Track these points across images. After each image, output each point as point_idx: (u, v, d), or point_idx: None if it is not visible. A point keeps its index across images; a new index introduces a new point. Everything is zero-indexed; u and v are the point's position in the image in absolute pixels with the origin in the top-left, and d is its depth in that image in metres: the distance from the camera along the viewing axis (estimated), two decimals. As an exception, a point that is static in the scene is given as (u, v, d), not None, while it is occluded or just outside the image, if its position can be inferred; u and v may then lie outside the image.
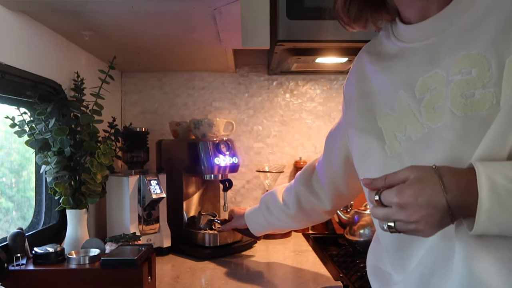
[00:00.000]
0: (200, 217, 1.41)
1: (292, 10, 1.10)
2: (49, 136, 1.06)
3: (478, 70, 0.56)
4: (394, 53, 0.70)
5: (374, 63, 0.73)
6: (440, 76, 0.61)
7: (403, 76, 0.66)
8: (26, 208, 1.20)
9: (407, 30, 0.68)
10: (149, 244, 1.02)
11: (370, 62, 0.74)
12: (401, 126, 0.65)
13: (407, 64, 0.66)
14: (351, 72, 0.82)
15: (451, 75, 0.59)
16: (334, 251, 1.43)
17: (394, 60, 0.69)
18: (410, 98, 0.64)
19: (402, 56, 0.68)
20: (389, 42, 0.72)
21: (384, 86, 0.70)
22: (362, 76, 0.76)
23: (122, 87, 1.75)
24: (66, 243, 1.09)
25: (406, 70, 0.66)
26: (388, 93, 0.68)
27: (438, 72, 0.61)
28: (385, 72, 0.70)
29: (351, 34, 1.13)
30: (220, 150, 1.38)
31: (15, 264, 0.90)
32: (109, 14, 1.02)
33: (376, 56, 0.74)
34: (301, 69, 1.65)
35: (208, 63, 1.61)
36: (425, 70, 0.63)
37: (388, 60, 0.70)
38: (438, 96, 0.60)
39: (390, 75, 0.69)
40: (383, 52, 0.73)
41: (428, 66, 0.63)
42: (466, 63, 0.57)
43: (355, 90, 0.77)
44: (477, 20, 0.59)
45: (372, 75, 0.73)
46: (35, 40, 1.07)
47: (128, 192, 1.28)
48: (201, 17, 1.04)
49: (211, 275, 1.17)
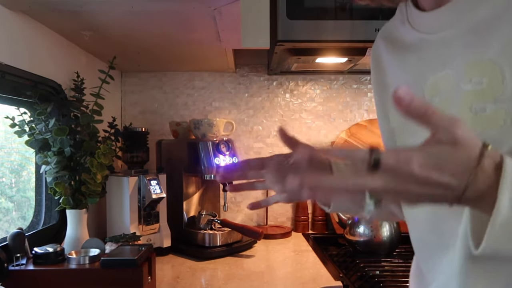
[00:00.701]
0: (200, 217, 1.41)
1: (292, 10, 1.09)
2: (49, 136, 1.06)
3: (489, 80, 0.48)
4: (409, 43, 0.61)
5: (390, 53, 0.66)
6: (450, 79, 0.53)
7: (414, 73, 0.59)
8: (26, 208, 1.20)
9: (421, 17, 0.59)
10: (149, 244, 1.02)
11: (386, 51, 0.67)
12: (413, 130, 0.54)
13: (419, 59, 0.59)
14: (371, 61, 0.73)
15: (462, 83, 0.51)
16: (334, 251, 1.43)
17: (408, 53, 0.61)
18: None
19: (415, 48, 0.60)
20: (404, 29, 0.63)
21: (398, 81, 0.63)
22: (378, 66, 0.69)
23: (122, 87, 1.75)
24: (66, 243, 1.09)
25: (418, 66, 0.59)
26: None
27: (448, 74, 0.54)
28: (399, 65, 0.63)
29: (351, 34, 1.13)
30: (220, 150, 1.38)
31: (15, 264, 0.90)
32: (109, 14, 1.02)
33: (392, 44, 0.66)
34: (301, 69, 1.65)
35: (208, 63, 1.61)
36: (436, 68, 0.55)
37: (403, 51, 0.63)
38: (447, 103, 0.53)
39: (404, 70, 0.62)
40: (399, 39, 0.64)
41: (439, 65, 0.55)
42: (477, 70, 0.50)
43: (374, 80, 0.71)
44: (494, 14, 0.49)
45: (388, 67, 0.66)
46: (35, 40, 1.07)
47: (128, 192, 1.27)
48: (201, 17, 1.04)
49: (211, 275, 1.17)
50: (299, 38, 1.11)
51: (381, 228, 1.34)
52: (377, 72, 0.68)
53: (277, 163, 0.70)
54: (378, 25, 1.10)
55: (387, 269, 1.22)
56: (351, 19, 1.11)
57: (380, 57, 0.68)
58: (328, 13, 1.10)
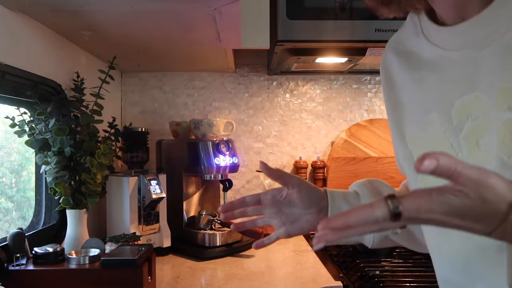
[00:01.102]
0: (200, 217, 1.41)
1: (292, 10, 1.09)
2: (49, 136, 1.06)
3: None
4: (427, 59, 0.55)
5: (404, 68, 0.59)
6: (483, 102, 0.47)
7: (436, 94, 0.53)
8: (26, 208, 1.20)
9: (441, 33, 0.53)
10: (149, 244, 1.02)
11: (398, 66, 0.60)
12: None
13: (441, 79, 0.53)
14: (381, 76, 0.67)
15: (498, 110, 0.46)
16: (334, 251, 1.43)
17: (426, 70, 0.55)
18: (445, 124, 0.51)
19: (436, 66, 0.54)
20: (419, 42, 0.57)
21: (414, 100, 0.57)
22: (389, 81, 0.63)
23: (122, 87, 1.75)
24: (66, 243, 1.09)
25: (441, 87, 0.53)
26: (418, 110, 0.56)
27: (479, 97, 0.48)
28: (416, 83, 0.57)
29: (351, 34, 1.13)
30: (220, 150, 1.38)
31: (15, 264, 0.90)
32: (109, 14, 1.02)
33: (405, 57, 0.60)
34: (301, 69, 1.65)
35: (208, 63, 1.61)
36: (463, 90, 0.50)
37: (419, 67, 0.57)
38: (482, 128, 0.47)
39: (422, 90, 0.56)
40: (414, 53, 0.58)
41: (466, 86, 0.49)
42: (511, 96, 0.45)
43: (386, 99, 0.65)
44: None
45: (401, 84, 0.60)
46: (35, 40, 1.07)
47: (128, 192, 1.28)
48: (201, 17, 1.04)
49: (211, 275, 1.17)
50: (299, 38, 1.11)
51: (381, 228, 1.34)
52: (389, 89, 0.63)
53: (272, 197, 0.68)
54: (378, 25, 1.10)
55: (387, 269, 1.22)
56: (351, 19, 1.11)
57: (392, 73, 0.62)
58: (328, 13, 1.10)
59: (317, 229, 0.39)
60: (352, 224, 0.38)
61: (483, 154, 0.47)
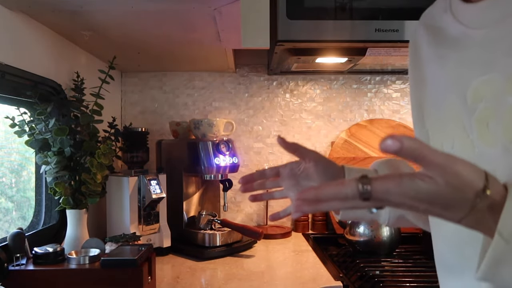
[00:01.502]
0: (200, 217, 1.41)
1: (292, 10, 1.09)
2: (49, 136, 1.06)
3: None
4: (452, 37, 0.56)
5: (431, 43, 0.59)
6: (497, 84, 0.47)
7: (456, 74, 0.54)
8: (26, 208, 1.20)
9: (465, 10, 0.53)
10: (149, 244, 1.02)
11: (427, 42, 0.60)
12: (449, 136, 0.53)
13: (462, 58, 0.53)
14: (409, 49, 0.67)
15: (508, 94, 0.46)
16: (334, 251, 1.43)
17: (449, 48, 0.56)
18: (460, 105, 0.51)
19: (457, 44, 0.54)
20: (446, 18, 0.57)
21: (435, 77, 0.58)
22: (416, 58, 0.63)
23: (122, 87, 1.75)
24: (66, 243, 1.09)
25: (459, 66, 0.53)
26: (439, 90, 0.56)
27: (495, 78, 0.48)
28: (438, 62, 0.57)
29: (351, 34, 1.13)
30: (220, 150, 1.38)
31: (15, 264, 0.90)
32: (109, 14, 1.02)
33: (433, 34, 0.60)
34: (301, 69, 1.65)
35: (208, 63, 1.61)
36: (479, 71, 0.50)
37: (444, 45, 0.57)
38: (493, 110, 0.47)
39: (443, 68, 0.56)
40: (442, 29, 0.58)
41: (483, 66, 0.49)
42: None
43: (410, 72, 0.66)
44: None
45: (426, 61, 0.60)
46: (35, 40, 1.07)
47: (128, 192, 1.28)
48: (201, 17, 1.04)
49: (211, 275, 1.17)
50: (299, 38, 1.11)
51: (381, 228, 1.34)
52: (415, 64, 0.63)
53: (290, 170, 0.69)
54: (378, 25, 1.10)
55: (387, 269, 1.22)
56: (351, 19, 1.11)
57: (420, 47, 0.62)
58: (328, 13, 1.10)
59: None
60: (322, 198, 0.38)
61: (492, 137, 0.47)
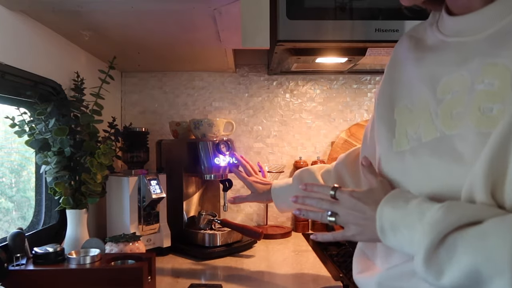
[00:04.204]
0: (200, 217, 1.41)
1: (292, 10, 1.09)
2: (49, 136, 1.06)
3: (500, 84, 0.52)
4: (431, 44, 0.66)
5: (411, 50, 0.69)
6: (464, 80, 0.57)
7: (430, 71, 0.63)
8: (26, 208, 1.20)
9: (448, 21, 0.64)
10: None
11: (408, 48, 0.71)
12: (415, 123, 0.63)
13: (437, 59, 0.63)
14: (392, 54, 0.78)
15: (476, 83, 0.55)
16: (334, 251, 1.43)
17: (428, 52, 0.66)
18: (430, 96, 0.61)
19: (435, 49, 0.65)
20: (430, 31, 0.68)
21: (411, 77, 0.67)
22: (396, 60, 0.73)
23: (122, 87, 1.75)
24: (66, 243, 1.09)
25: (435, 66, 0.63)
26: (413, 86, 0.66)
27: (463, 75, 0.57)
28: (416, 63, 0.67)
29: (351, 34, 1.13)
30: (220, 150, 1.38)
31: (15, 264, 0.90)
32: (109, 14, 1.02)
33: (415, 42, 0.70)
34: (301, 69, 1.65)
35: (208, 63, 1.61)
36: (451, 69, 0.59)
37: (423, 50, 0.67)
38: (458, 101, 0.57)
39: (420, 68, 0.66)
40: (423, 39, 0.69)
41: (454, 66, 0.59)
42: (490, 73, 0.53)
43: (386, 73, 0.74)
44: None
45: (404, 62, 0.70)
46: (35, 40, 1.07)
47: (128, 192, 1.27)
48: (201, 17, 1.04)
49: (211, 275, 1.17)
50: (299, 38, 1.11)
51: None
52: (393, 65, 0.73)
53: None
54: (378, 25, 1.10)
55: (387, 269, 1.22)
56: (351, 19, 1.11)
57: (400, 52, 0.73)
58: (328, 13, 1.10)
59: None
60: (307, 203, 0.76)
61: (453, 122, 0.57)
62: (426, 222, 0.52)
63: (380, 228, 0.59)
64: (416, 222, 0.54)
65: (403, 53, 0.72)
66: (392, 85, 0.71)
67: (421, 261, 0.52)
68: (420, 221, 0.53)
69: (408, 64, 0.68)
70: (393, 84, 0.71)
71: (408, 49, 0.70)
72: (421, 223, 0.53)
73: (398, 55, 0.73)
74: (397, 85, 0.70)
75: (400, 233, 0.56)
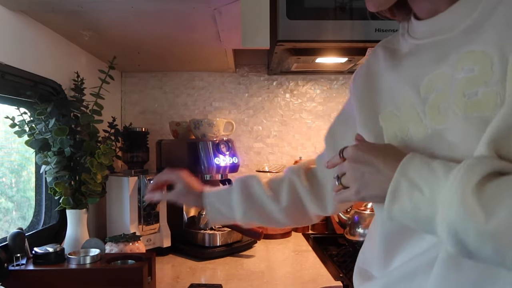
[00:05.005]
0: (200, 217, 1.41)
1: (292, 10, 1.10)
2: (49, 136, 1.06)
3: (480, 68, 0.54)
4: (406, 51, 0.68)
5: (387, 59, 0.71)
6: (446, 75, 0.59)
7: (410, 74, 0.64)
8: (26, 208, 1.20)
9: (418, 26, 0.66)
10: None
11: (383, 58, 0.72)
12: (404, 126, 0.63)
13: (415, 62, 0.65)
14: (361, 66, 0.79)
15: (456, 73, 0.57)
16: (334, 251, 1.43)
17: (404, 58, 0.68)
18: (414, 97, 0.62)
19: (412, 53, 0.66)
20: (403, 39, 0.70)
21: (392, 84, 0.68)
22: (372, 71, 0.74)
23: (122, 87, 1.75)
24: (66, 243, 1.09)
25: (414, 68, 0.64)
26: (395, 91, 0.67)
27: (444, 71, 0.59)
28: (394, 69, 0.68)
29: (351, 34, 1.13)
30: (220, 150, 1.38)
31: (15, 264, 0.90)
32: (109, 14, 1.02)
33: (390, 52, 0.72)
34: (301, 69, 1.65)
35: (208, 63, 1.61)
36: (432, 68, 0.61)
37: (399, 57, 0.69)
38: (443, 96, 0.58)
39: (399, 73, 0.67)
40: (398, 49, 0.71)
41: (435, 64, 0.61)
42: (468, 60, 0.55)
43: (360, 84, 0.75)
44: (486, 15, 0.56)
45: (382, 72, 0.71)
46: (35, 40, 1.07)
47: (128, 192, 1.27)
48: (201, 17, 1.04)
49: (211, 275, 1.17)
50: (299, 38, 1.11)
51: (381, 228, 1.34)
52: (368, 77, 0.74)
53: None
54: (378, 25, 1.10)
55: (387, 269, 1.22)
56: (351, 19, 1.11)
57: (376, 62, 0.74)
58: (328, 13, 1.10)
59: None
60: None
61: (442, 116, 0.58)
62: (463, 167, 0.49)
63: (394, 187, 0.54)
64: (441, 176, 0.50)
65: (378, 63, 0.73)
66: (372, 94, 0.71)
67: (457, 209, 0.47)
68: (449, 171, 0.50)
69: (386, 72, 0.70)
70: (372, 93, 0.71)
71: (384, 59, 0.72)
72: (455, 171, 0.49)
73: (373, 65, 0.74)
74: (377, 94, 0.70)
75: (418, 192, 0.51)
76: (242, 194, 0.91)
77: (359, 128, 0.73)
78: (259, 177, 0.95)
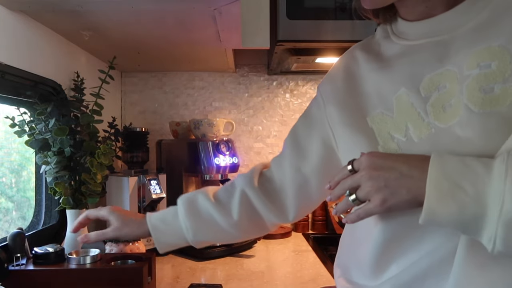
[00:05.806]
0: (200, 217, 1.41)
1: (292, 10, 1.10)
2: (49, 136, 1.06)
3: (498, 63, 0.54)
4: (395, 52, 0.67)
5: (371, 62, 0.69)
6: (451, 73, 0.58)
7: (405, 74, 0.63)
8: (26, 208, 1.20)
9: (411, 28, 0.65)
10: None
11: (365, 61, 0.70)
12: (400, 126, 0.61)
13: (411, 62, 0.63)
14: (336, 68, 0.76)
15: (467, 70, 0.56)
16: (334, 251, 1.43)
17: (395, 59, 0.66)
18: (413, 97, 0.61)
19: (405, 53, 0.65)
20: (388, 42, 0.69)
21: (380, 85, 0.66)
22: (353, 74, 0.72)
23: (122, 87, 1.75)
24: (66, 243, 1.09)
25: (410, 68, 0.63)
26: (384, 92, 0.65)
27: (449, 69, 0.58)
28: (383, 70, 0.67)
29: (351, 34, 1.13)
30: (220, 150, 1.38)
31: (15, 264, 0.90)
32: (109, 14, 1.02)
33: (374, 55, 0.70)
34: (301, 69, 1.65)
35: (208, 63, 1.61)
36: (432, 67, 0.60)
37: (387, 59, 0.67)
38: (448, 94, 0.57)
39: (389, 74, 0.65)
40: (381, 52, 0.70)
41: (436, 64, 0.60)
42: (485, 56, 0.55)
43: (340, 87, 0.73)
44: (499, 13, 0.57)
45: (366, 75, 0.69)
46: (35, 40, 1.07)
47: (128, 192, 1.27)
48: (201, 17, 1.04)
49: (211, 275, 1.17)
50: (299, 38, 1.11)
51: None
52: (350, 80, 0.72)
53: None
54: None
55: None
56: (351, 19, 1.11)
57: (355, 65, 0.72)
58: (328, 13, 1.11)
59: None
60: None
61: (448, 114, 0.57)
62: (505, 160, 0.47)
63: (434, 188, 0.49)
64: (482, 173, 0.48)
65: (359, 66, 0.71)
66: (355, 97, 0.69)
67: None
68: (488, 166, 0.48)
69: (372, 75, 0.68)
70: (355, 96, 0.69)
71: (366, 62, 0.70)
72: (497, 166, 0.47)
73: (353, 68, 0.72)
74: (362, 97, 0.68)
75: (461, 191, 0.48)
76: (188, 211, 0.84)
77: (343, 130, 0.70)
78: (206, 190, 0.87)
